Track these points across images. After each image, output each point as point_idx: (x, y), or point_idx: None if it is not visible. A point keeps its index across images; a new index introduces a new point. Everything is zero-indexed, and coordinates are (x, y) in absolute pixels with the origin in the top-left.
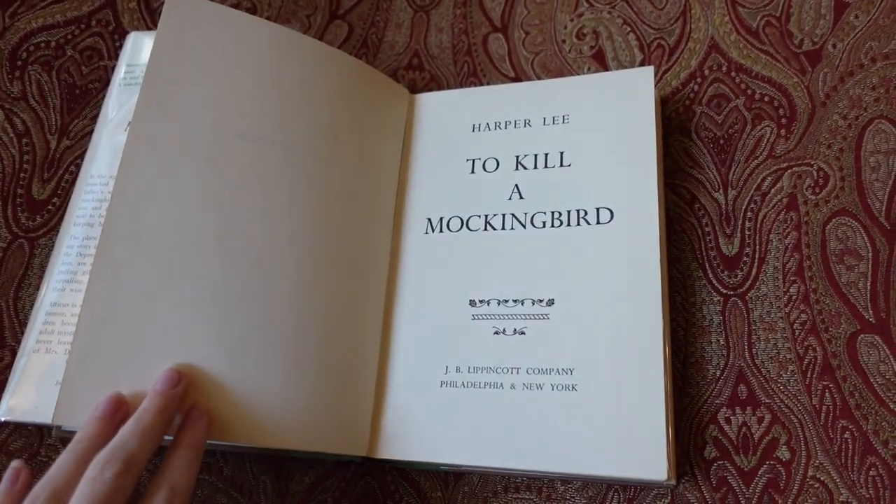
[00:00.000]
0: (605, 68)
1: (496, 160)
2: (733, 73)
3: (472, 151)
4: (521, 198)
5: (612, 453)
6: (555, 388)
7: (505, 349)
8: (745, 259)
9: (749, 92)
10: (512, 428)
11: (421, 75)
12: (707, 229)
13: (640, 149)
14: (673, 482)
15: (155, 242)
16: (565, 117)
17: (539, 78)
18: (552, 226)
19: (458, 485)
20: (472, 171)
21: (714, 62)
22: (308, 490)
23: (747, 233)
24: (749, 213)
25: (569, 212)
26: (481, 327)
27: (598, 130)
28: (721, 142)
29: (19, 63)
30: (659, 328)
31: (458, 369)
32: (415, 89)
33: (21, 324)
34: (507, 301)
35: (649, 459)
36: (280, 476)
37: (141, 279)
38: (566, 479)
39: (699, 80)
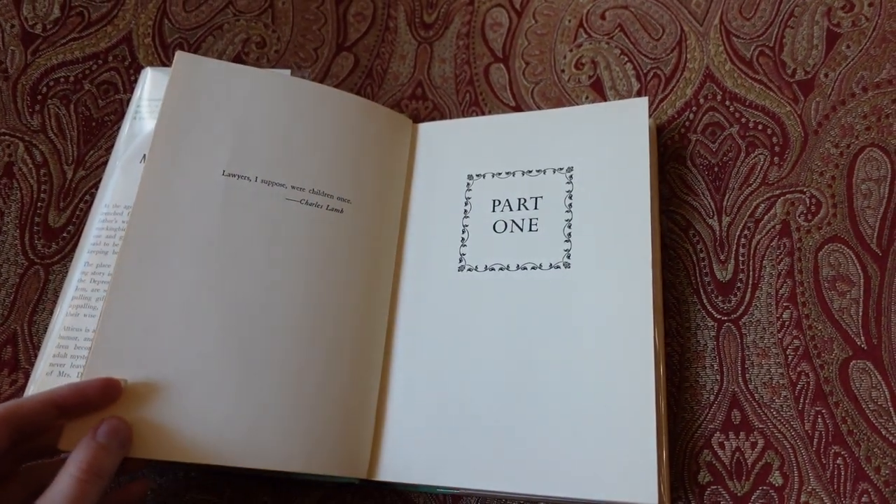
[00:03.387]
0: (603, 97)
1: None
2: (727, 102)
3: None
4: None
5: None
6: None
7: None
8: (738, 285)
9: (743, 120)
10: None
11: (424, 105)
12: (702, 255)
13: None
14: None
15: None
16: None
17: (539, 107)
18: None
19: None
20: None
21: (709, 91)
22: None
23: (741, 259)
24: (743, 240)
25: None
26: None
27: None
28: (716, 169)
29: (39, 97)
30: (650, 353)
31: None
32: (418, 119)
33: (35, 347)
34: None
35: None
36: (280, 497)
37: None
38: (561, 503)
39: (694, 108)
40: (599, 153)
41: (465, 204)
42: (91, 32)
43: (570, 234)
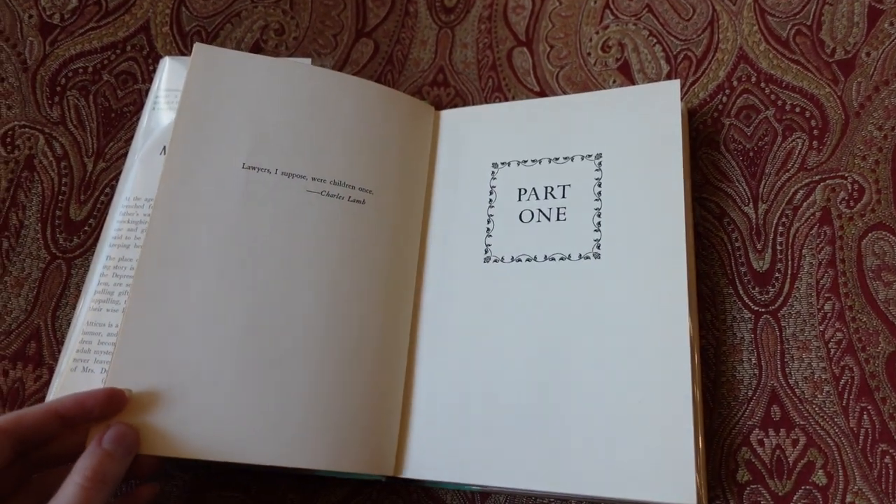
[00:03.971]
0: (631, 81)
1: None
2: (763, 84)
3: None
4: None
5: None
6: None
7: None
8: (776, 275)
9: (779, 103)
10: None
11: (446, 91)
12: (737, 244)
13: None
14: None
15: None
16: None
17: (564, 92)
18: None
19: None
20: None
21: (743, 73)
22: None
23: (779, 248)
24: (780, 228)
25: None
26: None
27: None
28: (751, 154)
29: (58, 89)
30: (686, 347)
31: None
32: (440, 105)
33: (58, 342)
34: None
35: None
36: (307, 494)
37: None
38: (594, 502)
39: (727, 91)
40: (629, 139)
41: (490, 193)
42: (109, 22)
43: (599, 224)
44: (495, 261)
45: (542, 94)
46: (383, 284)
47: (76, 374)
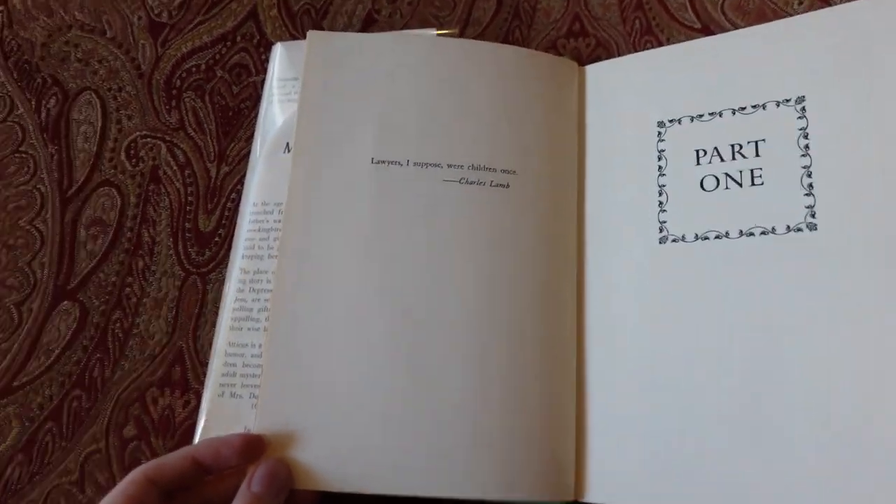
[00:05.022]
0: (826, 2)
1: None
2: None
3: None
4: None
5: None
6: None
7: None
8: None
9: None
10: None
11: (585, 42)
12: None
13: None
14: None
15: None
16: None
17: (735, 25)
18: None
19: None
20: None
21: None
22: None
23: None
24: None
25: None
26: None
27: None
28: None
29: (174, 91)
30: None
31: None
32: (580, 59)
33: (202, 364)
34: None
35: None
36: None
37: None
38: None
39: None
40: (840, 74)
41: (659, 158)
42: (216, 13)
43: (811, 185)
44: (674, 241)
45: (705, 31)
46: (540, 280)
47: (224, 401)
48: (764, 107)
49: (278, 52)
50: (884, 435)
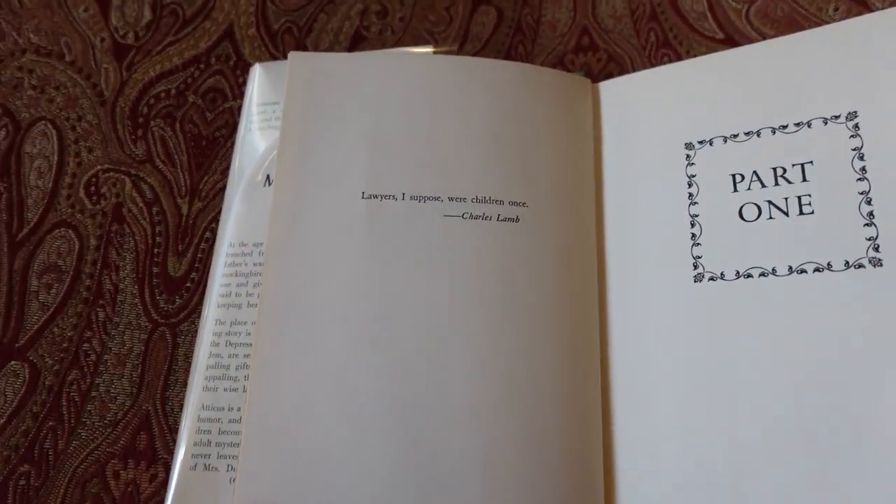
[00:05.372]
0: (866, 7)
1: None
2: None
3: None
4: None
5: None
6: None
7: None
8: None
9: None
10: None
11: (596, 56)
12: None
13: None
14: None
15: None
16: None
17: (762, 34)
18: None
19: None
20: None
21: None
22: None
23: None
24: None
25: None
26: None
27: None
28: None
29: (140, 120)
30: None
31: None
32: (592, 76)
33: (171, 431)
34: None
35: None
36: None
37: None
38: None
39: None
40: (894, 86)
41: (689, 185)
42: (188, 32)
43: (871, 214)
44: (711, 279)
45: (729, 42)
46: (558, 329)
47: (197, 474)
48: (809, 124)
49: (257, 73)
50: None
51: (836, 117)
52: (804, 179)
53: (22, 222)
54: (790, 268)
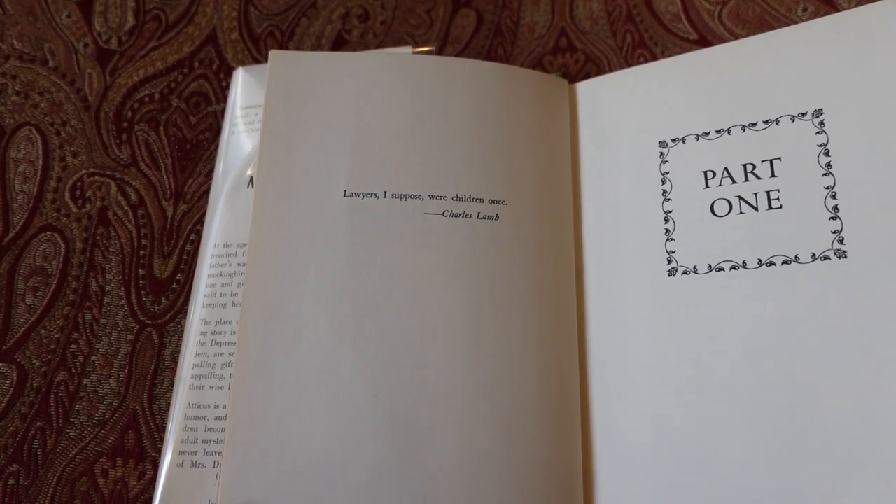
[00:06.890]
0: (833, 7)
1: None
2: None
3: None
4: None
5: None
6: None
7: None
8: None
9: None
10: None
11: (574, 57)
12: None
13: None
14: None
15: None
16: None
17: (734, 35)
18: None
19: None
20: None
21: None
22: None
23: None
24: None
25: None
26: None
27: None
28: None
29: (125, 124)
30: None
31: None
32: (570, 76)
33: (159, 429)
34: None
35: None
36: None
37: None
38: None
39: None
40: (857, 84)
41: (663, 182)
42: (171, 37)
43: (836, 208)
44: (685, 273)
45: (703, 42)
46: (537, 324)
47: (184, 471)
48: (777, 122)
49: (240, 77)
50: None
51: (804, 114)
52: (773, 175)
53: (7, 226)
54: (760, 261)
